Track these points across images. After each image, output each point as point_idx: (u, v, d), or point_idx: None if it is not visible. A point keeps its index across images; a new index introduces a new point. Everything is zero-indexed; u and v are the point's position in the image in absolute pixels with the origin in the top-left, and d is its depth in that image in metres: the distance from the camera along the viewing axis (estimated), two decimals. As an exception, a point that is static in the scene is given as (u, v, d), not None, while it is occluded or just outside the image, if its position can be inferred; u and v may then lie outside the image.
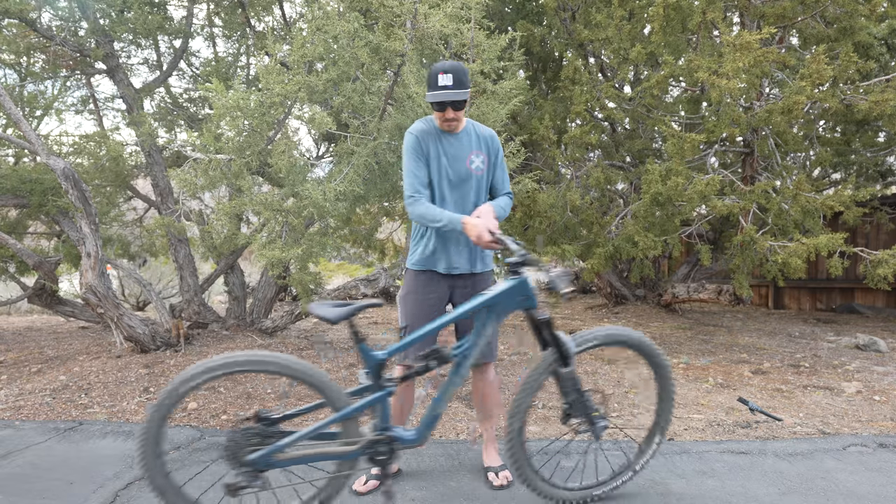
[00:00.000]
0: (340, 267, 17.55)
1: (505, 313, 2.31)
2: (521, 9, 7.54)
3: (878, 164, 7.57)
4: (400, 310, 2.68)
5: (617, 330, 2.41)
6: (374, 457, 2.19)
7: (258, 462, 2.06)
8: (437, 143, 2.54)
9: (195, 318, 5.73)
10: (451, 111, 2.46)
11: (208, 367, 2.05)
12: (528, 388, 2.36)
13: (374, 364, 2.19)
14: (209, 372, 2.05)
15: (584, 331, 2.39)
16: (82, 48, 5.27)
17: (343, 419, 2.15)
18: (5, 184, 5.03)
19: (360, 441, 2.17)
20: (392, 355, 2.23)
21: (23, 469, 2.83)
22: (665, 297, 7.76)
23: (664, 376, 2.51)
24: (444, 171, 2.54)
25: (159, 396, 2.05)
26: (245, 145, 3.91)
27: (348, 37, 3.74)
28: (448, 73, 2.39)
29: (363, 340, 2.18)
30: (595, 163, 6.91)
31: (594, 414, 2.39)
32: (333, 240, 4.53)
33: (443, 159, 2.54)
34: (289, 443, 2.10)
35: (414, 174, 2.50)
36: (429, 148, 2.53)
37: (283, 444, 2.09)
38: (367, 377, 2.19)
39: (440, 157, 2.54)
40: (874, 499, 2.49)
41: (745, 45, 4.79)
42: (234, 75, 6.17)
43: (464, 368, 2.29)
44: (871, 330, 6.78)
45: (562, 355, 2.31)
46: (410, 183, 2.50)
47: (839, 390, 4.17)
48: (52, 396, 4.02)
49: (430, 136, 2.55)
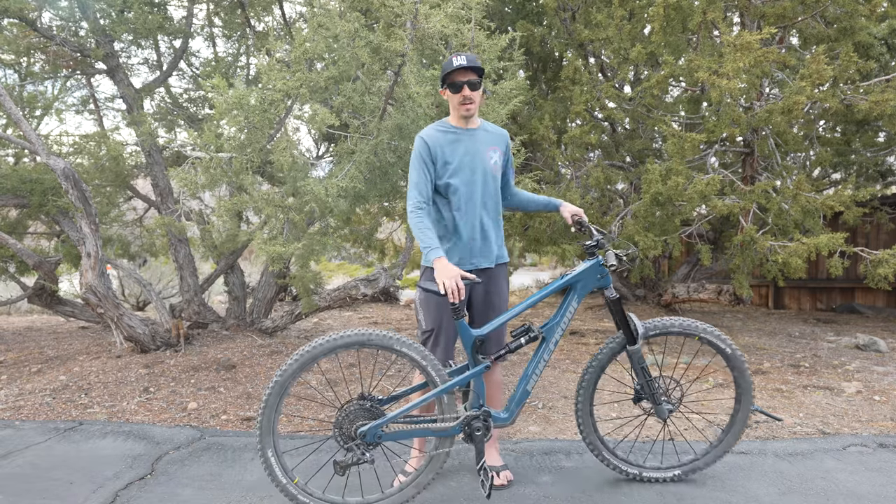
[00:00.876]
0: (340, 267, 17.55)
1: (584, 291, 2.48)
2: (521, 9, 7.54)
3: (878, 164, 7.57)
4: (422, 313, 2.62)
5: (689, 322, 2.53)
6: (472, 433, 2.33)
7: (367, 434, 2.25)
8: (454, 142, 2.55)
9: (195, 318, 5.73)
10: (467, 89, 2.49)
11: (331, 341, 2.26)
12: (595, 366, 2.56)
13: (471, 342, 2.35)
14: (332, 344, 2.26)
15: (656, 318, 2.55)
16: (82, 48, 5.27)
17: (442, 394, 2.31)
18: (5, 184, 5.03)
19: (459, 417, 2.33)
20: (489, 333, 2.40)
21: (23, 469, 2.83)
22: (665, 297, 7.76)
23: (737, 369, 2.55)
24: (464, 167, 2.54)
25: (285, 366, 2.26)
26: (246, 143, 3.90)
27: (349, 36, 3.74)
28: (462, 55, 2.48)
29: (462, 317, 2.33)
30: (595, 163, 6.91)
31: (660, 397, 2.55)
32: (334, 239, 4.53)
33: (463, 157, 2.54)
34: (395, 416, 2.29)
35: (417, 185, 2.50)
36: (443, 150, 2.53)
37: (391, 418, 2.28)
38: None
39: (453, 156, 2.53)
40: (874, 499, 2.49)
41: (745, 45, 4.79)
42: (234, 75, 6.17)
43: (550, 344, 2.45)
44: (871, 330, 6.78)
45: (629, 334, 2.47)
46: (414, 194, 2.50)
47: (839, 390, 4.17)
48: (52, 396, 4.02)
49: (443, 138, 2.55)
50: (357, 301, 5.25)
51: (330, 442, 2.59)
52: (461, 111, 2.54)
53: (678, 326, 2.53)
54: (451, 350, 2.63)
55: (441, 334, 2.59)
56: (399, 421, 2.32)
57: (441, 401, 2.34)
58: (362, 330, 2.29)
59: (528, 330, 2.43)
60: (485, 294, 2.63)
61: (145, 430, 3.36)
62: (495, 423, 2.40)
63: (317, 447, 2.97)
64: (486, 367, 2.36)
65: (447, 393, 2.32)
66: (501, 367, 3.03)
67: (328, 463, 2.64)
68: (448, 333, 2.59)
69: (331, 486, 2.44)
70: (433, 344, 2.59)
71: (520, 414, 2.51)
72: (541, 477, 2.72)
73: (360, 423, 2.27)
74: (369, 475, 2.58)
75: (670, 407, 2.57)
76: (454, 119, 2.60)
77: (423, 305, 2.62)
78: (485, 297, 2.63)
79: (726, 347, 2.54)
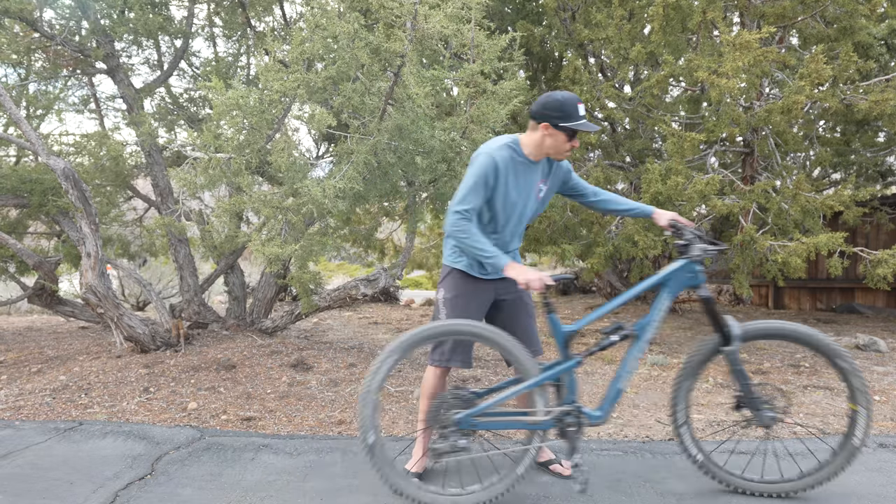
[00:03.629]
0: (340, 267, 17.57)
1: (676, 290, 2.49)
2: (521, 9, 7.54)
3: (878, 164, 7.57)
4: (445, 312, 2.60)
5: (788, 325, 2.47)
6: (564, 427, 2.36)
7: (462, 422, 2.32)
8: (517, 172, 2.50)
9: (195, 318, 5.73)
10: (577, 141, 2.50)
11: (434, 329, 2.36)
12: (688, 371, 2.53)
13: (563, 337, 2.39)
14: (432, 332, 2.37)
15: (756, 321, 2.49)
16: (83, 48, 5.27)
17: (534, 387, 2.36)
18: (5, 184, 5.03)
19: (551, 411, 2.37)
20: (581, 329, 2.43)
21: (23, 469, 2.83)
22: (665, 297, 7.75)
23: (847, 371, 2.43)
24: (512, 198, 2.52)
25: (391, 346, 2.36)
26: (245, 144, 3.91)
27: (348, 37, 3.74)
28: (581, 104, 2.46)
29: (553, 311, 2.38)
30: (595, 162, 6.91)
31: (762, 404, 2.51)
32: (333, 239, 4.54)
33: (518, 189, 2.52)
34: (490, 405, 2.35)
35: (474, 193, 2.42)
36: (507, 178, 2.47)
37: (486, 406, 2.35)
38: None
39: (515, 187, 2.51)
40: (874, 499, 2.49)
41: (744, 45, 4.79)
42: (234, 75, 6.17)
43: (643, 343, 2.45)
44: (871, 330, 6.77)
45: (723, 335, 2.45)
46: (468, 198, 2.42)
47: (839, 390, 4.17)
48: (52, 396, 4.02)
49: (512, 165, 2.49)
50: (357, 301, 5.25)
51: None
52: (563, 156, 2.54)
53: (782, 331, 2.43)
54: (470, 350, 2.65)
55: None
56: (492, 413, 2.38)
57: (533, 394, 2.39)
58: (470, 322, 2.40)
59: (620, 328, 2.44)
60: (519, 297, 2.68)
61: (145, 430, 3.36)
62: (589, 420, 2.41)
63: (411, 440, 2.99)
64: (578, 362, 2.41)
65: (539, 387, 2.37)
66: (502, 368, 3.02)
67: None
68: None
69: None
70: (453, 347, 2.59)
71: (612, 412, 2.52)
72: (541, 477, 2.72)
73: (454, 412, 2.33)
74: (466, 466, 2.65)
75: (774, 415, 2.47)
76: (532, 149, 2.51)
77: (447, 306, 2.59)
78: (516, 300, 2.68)
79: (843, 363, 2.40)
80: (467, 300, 2.58)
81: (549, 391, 2.43)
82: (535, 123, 2.47)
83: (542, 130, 2.46)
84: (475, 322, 2.41)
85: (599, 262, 5.74)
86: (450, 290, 2.61)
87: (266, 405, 3.83)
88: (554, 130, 2.44)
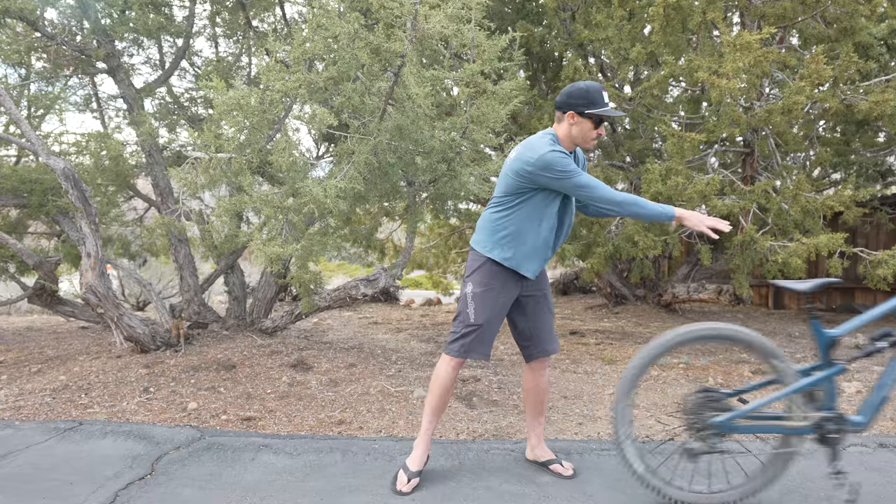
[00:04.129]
0: (340, 267, 17.57)
1: None
2: (521, 9, 7.54)
3: (878, 164, 7.58)
4: (473, 306, 2.54)
5: None
6: (824, 434, 2.27)
7: (722, 426, 2.29)
8: None
9: (195, 318, 5.73)
10: (602, 129, 2.51)
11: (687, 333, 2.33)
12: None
13: (826, 341, 2.32)
14: (685, 337, 2.33)
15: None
16: (84, 48, 5.27)
17: (794, 394, 2.30)
18: (5, 184, 5.03)
19: (811, 417, 2.29)
20: (846, 333, 2.34)
21: (23, 469, 2.83)
22: (665, 297, 7.75)
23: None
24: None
25: (645, 349, 2.36)
26: (246, 143, 3.91)
27: (348, 37, 3.74)
28: (606, 91, 2.46)
29: (817, 317, 2.31)
30: (595, 162, 6.91)
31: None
32: (334, 239, 4.53)
33: None
34: (750, 409, 2.30)
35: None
36: None
37: (746, 410, 2.30)
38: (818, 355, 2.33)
39: None
40: (874, 499, 2.49)
41: (745, 45, 4.79)
42: (235, 75, 6.17)
43: None
44: (871, 330, 6.77)
45: None
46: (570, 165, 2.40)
47: (839, 390, 4.17)
48: (52, 396, 4.02)
49: None
50: (357, 301, 5.25)
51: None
52: (589, 144, 2.52)
53: None
54: (491, 342, 2.63)
55: (487, 329, 2.57)
56: (752, 416, 2.33)
57: (792, 399, 2.33)
58: (733, 326, 2.37)
59: (889, 334, 2.33)
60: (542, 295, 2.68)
61: (145, 430, 3.36)
62: (850, 427, 2.32)
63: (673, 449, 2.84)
64: (842, 369, 2.33)
65: (798, 393, 2.31)
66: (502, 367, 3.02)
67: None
68: (493, 329, 2.59)
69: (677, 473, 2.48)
70: (475, 339, 2.56)
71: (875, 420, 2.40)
72: (541, 477, 2.72)
73: (711, 415, 2.30)
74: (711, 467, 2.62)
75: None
76: (564, 141, 2.52)
77: (476, 299, 2.54)
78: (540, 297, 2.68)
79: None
80: (496, 295, 2.54)
81: (808, 396, 2.36)
82: (561, 114, 2.48)
83: (567, 120, 2.47)
84: (737, 326, 2.37)
85: (599, 262, 5.75)
86: (480, 284, 2.54)
87: (266, 405, 3.83)
88: (580, 118, 2.45)
